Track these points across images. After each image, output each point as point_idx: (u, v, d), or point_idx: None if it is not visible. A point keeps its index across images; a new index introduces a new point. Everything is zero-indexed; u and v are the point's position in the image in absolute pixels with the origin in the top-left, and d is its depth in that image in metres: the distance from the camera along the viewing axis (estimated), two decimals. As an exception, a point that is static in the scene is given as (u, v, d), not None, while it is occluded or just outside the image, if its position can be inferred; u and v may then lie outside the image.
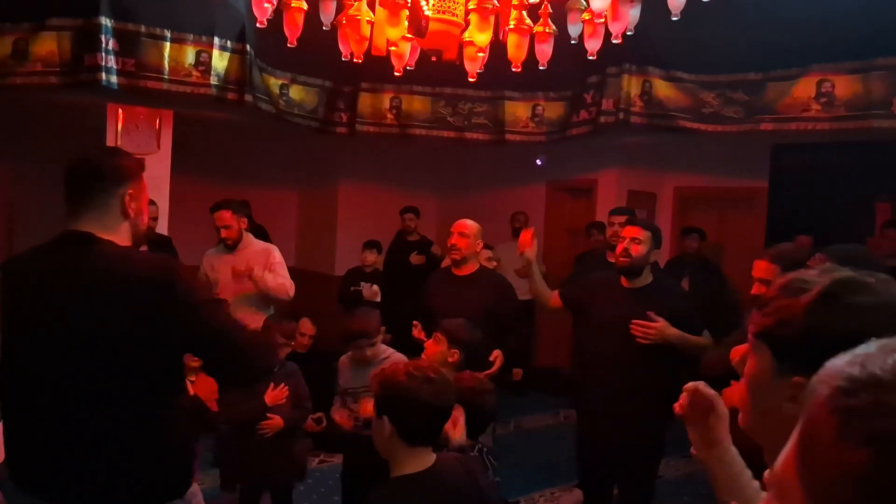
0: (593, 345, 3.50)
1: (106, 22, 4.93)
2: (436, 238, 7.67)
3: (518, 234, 7.08)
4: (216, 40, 5.39)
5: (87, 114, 6.05)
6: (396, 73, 3.31)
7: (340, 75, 6.37)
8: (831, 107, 5.01)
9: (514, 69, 3.08)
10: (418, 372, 1.85)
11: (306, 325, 4.95)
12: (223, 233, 4.42)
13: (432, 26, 2.97)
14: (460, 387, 2.31)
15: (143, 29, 5.10)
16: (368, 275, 6.20)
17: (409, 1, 2.83)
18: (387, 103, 6.70)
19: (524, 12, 3.01)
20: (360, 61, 3.22)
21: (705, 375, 3.01)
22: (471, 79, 3.31)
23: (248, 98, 5.59)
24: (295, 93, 6.38)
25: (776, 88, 5.26)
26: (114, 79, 5.01)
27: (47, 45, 5.01)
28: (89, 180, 1.88)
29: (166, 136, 5.94)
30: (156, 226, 5.41)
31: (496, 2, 2.88)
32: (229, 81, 5.51)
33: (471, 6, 2.88)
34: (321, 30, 3.11)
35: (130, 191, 1.90)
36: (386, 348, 3.48)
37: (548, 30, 3.05)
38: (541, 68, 3.10)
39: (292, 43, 3.10)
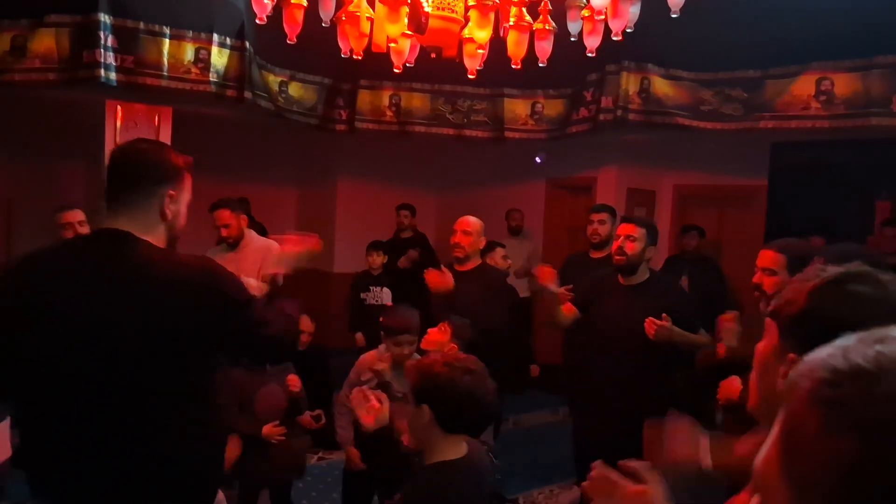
0: (591, 342, 3.51)
1: (105, 18, 4.92)
2: (435, 235, 7.67)
3: (515, 231, 7.13)
4: (215, 37, 5.38)
5: (85, 111, 6.04)
6: (396, 70, 3.31)
7: (340, 72, 6.37)
8: (831, 105, 5.01)
9: (513, 66, 3.08)
10: (458, 363, 1.93)
11: (305, 322, 4.93)
12: (223, 231, 4.40)
13: (432, 23, 2.96)
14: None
15: (141, 26, 5.09)
16: (376, 277, 6.11)
17: (409, -2, 2.82)
18: (386, 100, 6.69)
19: (524, 9, 3.00)
20: (359, 58, 3.21)
21: (700, 370, 3.03)
22: (470, 76, 3.31)
23: (248, 95, 5.58)
24: (294, 90, 6.37)
25: (775, 86, 5.25)
26: (112, 76, 5.00)
27: (46, 42, 5.00)
28: (128, 175, 1.77)
29: (165, 134, 5.93)
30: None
31: (496, -1, 2.87)
32: (228, 78, 5.50)
33: (471, 3, 2.88)
34: (321, 27, 3.10)
35: (171, 192, 1.80)
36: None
37: (547, 27, 3.05)
38: (540, 65, 3.10)
39: (292, 40, 3.09)
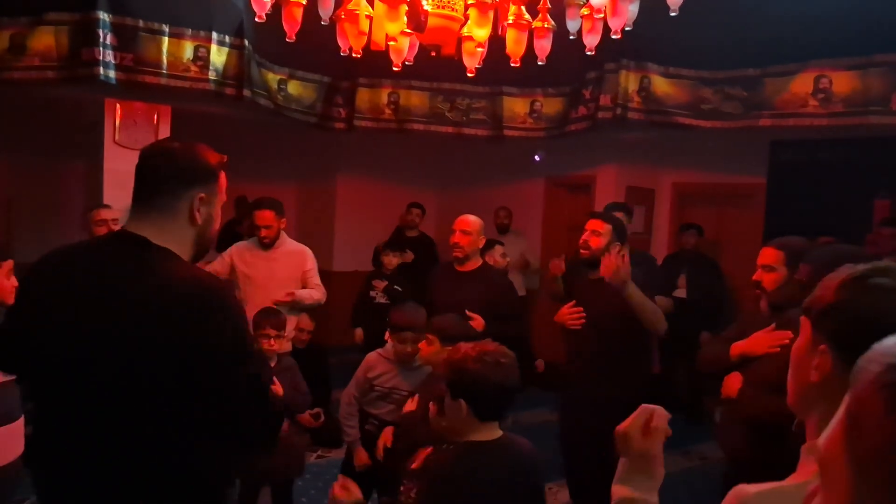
0: (570, 337, 3.70)
1: (104, 16, 4.92)
2: (434, 234, 7.68)
3: (503, 230, 7.12)
4: (214, 35, 5.38)
5: (84, 109, 6.04)
6: (395, 68, 3.31)
7: (339, 71, 6.37)
8: (829, 103, 5.01)
9: (512, 64, 3.08)
10: (488, 356, 2.01)
11: (304, 320, 4.95)
12: (263, 232, 4.49)
13: (431, 21, 2.97)
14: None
15: (140, 24, 5.09)
16: (388, 276, 6.07)
17: (408, -4, 2.83)
18: (385, 98, 6.70)
19: (523, 7, 3.01)
20: (358, 56, 3.21)
21: (703, 369, 3.04)
22: (469, 74, 3.31)
23: (247, 93, 5.58)
24: (293, 88, 6.38)
25: (774, 84, 5.26)
26: (112, 73, 5.00)
27: (45, 40, 5.00)
28: (155, 175, 1.65)
29: (164, 132, 5.93)
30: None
31: (495, -3, 2.88)
32: (227, 76, 5.50)
33: (470, 1, 2.88)
34: (320, 25, 3.10)
35: (202, 194, 1.66)
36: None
37: (546, 25, 3.05)
38: (539, 64, 3.10)
39: (291, 38, 3.09)
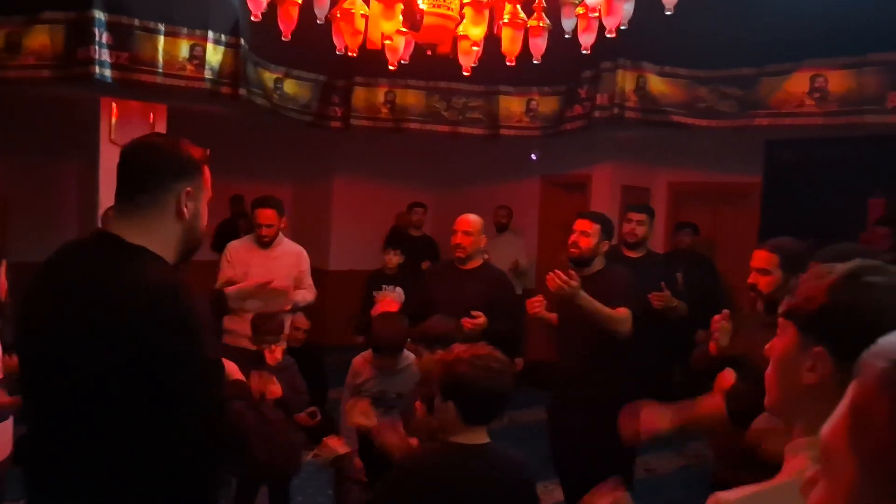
0: (560, 337, 3.70)
1: (99, 15, 4.91)
2: (431, 233, 7.68)
3: (502, 228, 7.12)
4: (210, 34, 5.38)
5: (80, 108, 6.03)
6: (391, 67, 3.31)
7: (335, 69, 6.37)
8: (824, 102, 5.03)
9: (508, 63, 3.09)
10: (480, 361, 2.01)
11: (301, 319, 4.95)
12: (264, 230, 4.50)
13: (427, 20, 2.97)
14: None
15: (136, 22, 5.09)
16: (390, 277, 6.03)
17: (404, -5, 2.83)
18: (381, 97, 6.70)
19: (518, 6, 3.01)
20: (354, 55, 3.22)
21: (696, 368, 3.04)
22: (465, 73, 3.32)
23: (243, 92, 5.58)
24: (289, 87, 6.38)
25: (770, 83, 5.27)
26: (107, 72, 5.00)
27: (40, 39, 4.99)
28: (140, 171, 1.62)
29: (160, 130, 5.92)
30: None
31: (490, -4, 2.88)
32: (223, 75, 5.50)
33: (465, 0, 2.89)
34: (315, 24, 3.11)
35: (189, 188, 1.63)
36: (409, 354, 3.45)
37: (542, 24, 3.06)
38: (535, 62, 3.11)
39: (287, 37, 3.09)
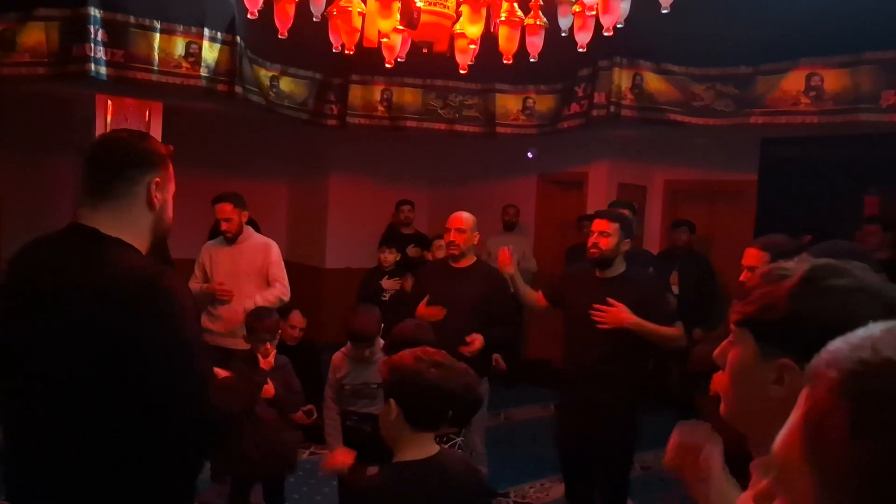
0: (571, 335, 3.60)
1: (94, 12, 4.89)
2: (428, 231, 7.67)
3: (509, 227, 7.17)
4: (206, 31, 5.36)
5: (75, 105, 6.01)
6: (388, 65, 3.31)
7: (331, 67, 6.36)
8: (820, 100, 5.04)
9: (504, 61, 3.08)
10: (426, 356, 1.90)
11: (296, 317, 4.94)
12: (224, 225, 4.41)
13: (424, 18, 2.96)
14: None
15: (132, 19, 5.07)
16: (389, 274, 6.06)
17: (401, -8, 2.82)
18: (378, 95, 6.69)
19: (515, 4, 3.01)
20: (350, 53, 3.21)
21: (694, 367, 3.05)
22: (462, 71, 3.31)
23: (239, 90, 5.57)
24: (285, 85, 6.36)
25: (766, 82, 5.28)
26: (103, 70, 4.97)
27: (35, 36, 4.96)
28: (113, 165, 1.68)
29: (156, 128, 5.90)
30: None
31: (487, -6, 2.88)
32: (219, 73, 5.48)
33: (462, -2, 2.88)
34: (312, 21, 3.10)
35: (157, 179, 1.71)
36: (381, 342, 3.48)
37: (539, 22, 3.05)
38: (531, 61, 3.10)
39: (283, 34, 3.08)
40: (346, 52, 3.21)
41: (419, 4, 2.95)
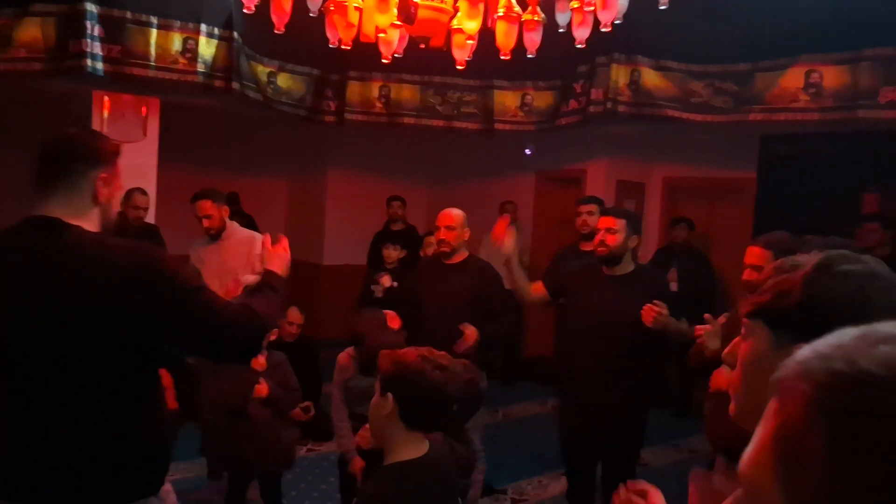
0: (577, 332, 3.53)
1: (91, 8, 4.87)
2: (426, 228, 7.66)
3: (509, 223, 7.12)
4: (203, 27, 5.35)
5: (72, 101, 5.99)
6: (385, 61, 3.29)
7: (328, 63, 6.34)
8: (819, 97, 5.03)
9: (502, 57, 3.07)
10: (432, 356, 1.87)
11: (294, 314, 4.93)
12: (205, 223, 4.34)
13: (421, 13, 2.95)
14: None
15: (128, 15, 5.05)
16: (390, 271, 6.02)
17: (398, -13, 2.81)
18: (375, 92, 6.67)
19: (513, 0, 2.99)
20: (348, 48, 3.19)
21: (692, 364, 3.04)
22: (459, 67, 3.30)
23: (236, 86, 5.55)
24: (283, 81, 6.34)
25: (765, 79, 5.26)
26: (99, 65, 4.96)
27: (31, 31, 4.95)
28: (62, 160, 1.79)
29: (153, 124, 5.89)
30: (145, 215, 5.36)
31: (485, -11, 2.87)
32: (216, 69, 5.46)
33: (460, -7, 2.87)
34: (309, 17, 3.08)
35: (104, 175, 1.81)
36: None
37: (536, 18, 3.04)
38: (529, 57, 3.09)
39: (280, 30, 3.07)
40: (343, 47, 3.19)
41: (416, 0, 2.94)
